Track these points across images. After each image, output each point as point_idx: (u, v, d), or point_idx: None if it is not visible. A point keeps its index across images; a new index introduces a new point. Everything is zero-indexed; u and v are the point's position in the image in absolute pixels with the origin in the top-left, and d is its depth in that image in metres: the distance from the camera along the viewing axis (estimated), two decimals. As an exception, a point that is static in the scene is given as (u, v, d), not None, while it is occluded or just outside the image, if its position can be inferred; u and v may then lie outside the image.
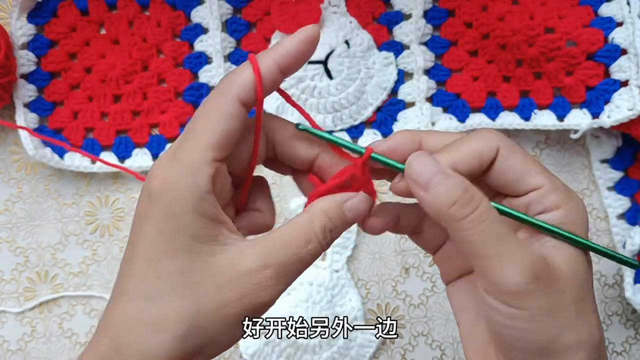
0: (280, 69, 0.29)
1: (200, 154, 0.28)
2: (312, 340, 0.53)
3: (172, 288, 0.27)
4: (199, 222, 0.27)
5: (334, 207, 0.30)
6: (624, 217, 0.56)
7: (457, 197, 0.28)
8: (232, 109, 0.28)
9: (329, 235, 0.30)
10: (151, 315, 0.27)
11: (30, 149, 0.54)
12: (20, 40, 0.56)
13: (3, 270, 0.57)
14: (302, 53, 0.30)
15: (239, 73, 0.29)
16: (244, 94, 0.29)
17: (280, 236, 0.29)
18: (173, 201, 0.27)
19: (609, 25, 0.54)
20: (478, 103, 0.56)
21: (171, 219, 0.27)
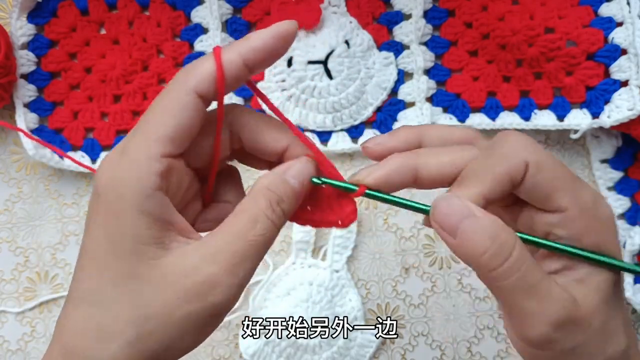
0: (244, 63, 0.27)
1: (147, 149, 0.26)
2: (312, 340, 0.53)
3: (117, 293, 0.26)
4: (142, 222, 0.26)
5: (275, 179, 0.28)
6: (624, 217, 0.56)
7: (487, 248, 0.26)
8: (186, 102, 0.27)
9: (277, 209, 0.28)
10: (97, 322, 0.26)
11: (30, 149, 0.54)
12: (20, 40, 0.56)
13: (3, 270, 0.57)
14: (271, 49, 0.27)
15: (198, 64, 0.27)
16: (202, 86, 0.27)
17: (225, 226, 0.27)
18: (116, 199, 0.26)
19: (609, 25, 0.54)
20: (478, 103, 0.56)
21: (114, 219, 0.26)
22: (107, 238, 0.26)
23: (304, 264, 0.55)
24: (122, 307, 0.26)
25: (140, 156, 0.26)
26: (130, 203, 0.26)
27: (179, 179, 0.28)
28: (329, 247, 0.55)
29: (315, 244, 0.56)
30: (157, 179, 0.26)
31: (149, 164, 0.26)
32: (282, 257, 0.56)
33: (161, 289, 0.26)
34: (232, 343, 0.56)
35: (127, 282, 0.26)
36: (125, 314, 0.25)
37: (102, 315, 0.26)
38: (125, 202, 0.26)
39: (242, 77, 0.28)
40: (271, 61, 0.28)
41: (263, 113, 0.31)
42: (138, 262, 0.26)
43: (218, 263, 0.26)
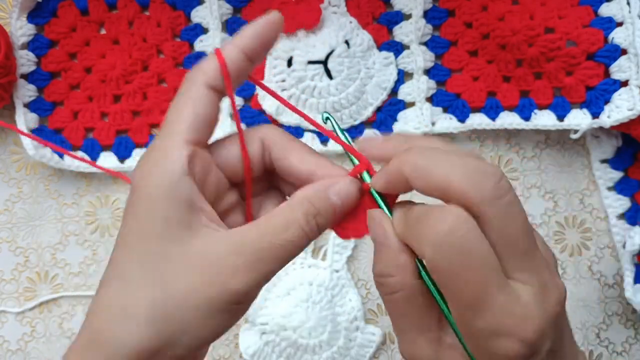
0: (245, 55, 0.29)
1: (172, 138, 0.28)
2: (312, 340, 0.53)
3: (142, 273, 0.27)
4: (172, 206, 0.27)
5: (317, 192, 0.29)
6: (624, 217, 0.56)
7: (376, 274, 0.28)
8: (199, 94, 0.29)
9: (312, 221, 0.28)
10: (121, 300, 0.27)
11: (30, 149, 0.54)
12: (20, 40, 0.56)
13: (3, 270, 0.57)
14: (265, 36, 0.30)
15: (202, 63, 0.29)
16: (211, 80, 0.29)
17: (258, 224, 0.28)
18: (147, 186, 0.27)
19: (609, 25, 0.54)
20: (478, 103, 0.56)
21: (144, 203, 0.27)
22: (138, 223, 0.27)
23: (304, 264, 0.55)
24: (146, 287, 0.26)
25: (167, 146, 0.28)
26: (160, 188, 0.27)
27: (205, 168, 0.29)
28: (329, 247, 0.55)
29: (315, 244, 0.56)
30: (184, 164, 0.27)
31: (174, 151, 0.28)
32: (282, 257, 0.56)
33: (185, 271, 0.26)
34: (232, 343, 0.56)
35: (153, 262, 0.27)
36: (147, 294, 0.26)
37: (126, 295, 0.27)
38: (154, 187, 0.27)
39: (244, 66, 0.29)
40: (267, 48, 0.30)
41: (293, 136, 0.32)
42: (165, 244, 0.27)
43: (242, 255, 0.27)
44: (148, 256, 0.27)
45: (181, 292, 0.26)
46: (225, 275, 0.26)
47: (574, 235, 0.57)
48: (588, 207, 0.57)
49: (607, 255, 0.56)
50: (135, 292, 0.26)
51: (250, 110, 0.57)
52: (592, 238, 0.57)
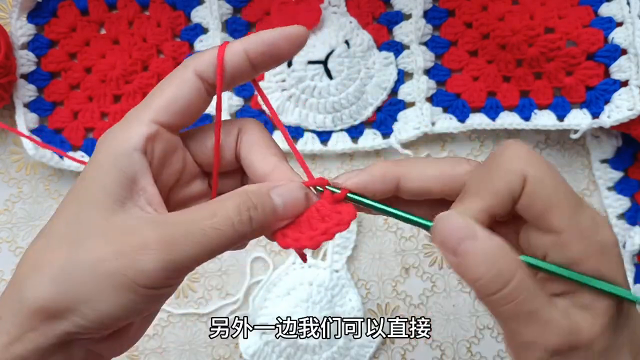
0: (247, 55, 0.28)
1: (140, 114, 0.28)
2: (312, 340, 0.53)
3: (64, 233, 0.27)
4: (112, 176, 0.27)
5: (259, 188, 0.28)
6: (624, 217, 0.56)
7: (483, 274, 0.26)
8: (185, 78, 0.28)
9: (245, 214, 0.27)
10: (39, 256, 0.27)
11: (30, 149, 0.54)
12: (20, 40, 0.56)
13: (3, 270, 0.57)
14: (276, 47, 0.28)
15: (203, 52, 0.29)
16: (202, 68, 0.28)
17: (188, 210, 0.27)
18: (99, 153, 0.28)
19: (609, 25, 0.54)
20: (478, 103, 0.56)
21: (91, 168, 0.27)
22: (81, 185, 0.28)
23: (304, 264, 0.55)
24: (61, 247, 0.26)
25: (132, 120, 0.28)
26: (109, 156, 0.27)
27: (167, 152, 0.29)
28: (329, 247, 0.55)
29: (315, 244, 0.56)
30: (140, 141, 0.27)
31: (136, 126, 0.28)
32: (282, 257, 0.56)
33: (100, 240, 0.26)
34: (232, 343, 0.56)
35: (76, 225, 0.27)
36: (60, 254, 0.26)
37: (45, 250, 0.27)
38: (105, 155, 0.27)
39: (243, 69, 0.29)
40: (276, 60, 0.29)
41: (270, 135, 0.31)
42: (94, 210, 0.27)
43: (156, 231, 0.26)
44: (74, 218, 0.27)
45: (89, 259, 0.26)
46: (133, 249, 0.25)
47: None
48: (588, 207, 0.57)
49: (607, 255, 0.56)
50: (51, 250, 0.26)
51: (250, 111, 0.57)
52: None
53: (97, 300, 0.25)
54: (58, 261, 0.26)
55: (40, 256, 0.27)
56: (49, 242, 0.27)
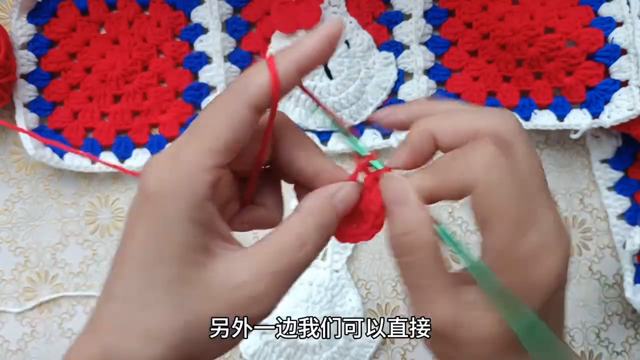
0: (298, 71, 0.27)
1: (202, 159, 0.26)
2: (312, 340, 0.53)
3: (164, 297, 0.26)
4: (192, 230, 0.26)
5: (324, 203, 0.29)
6: (624, 217, 0.56)
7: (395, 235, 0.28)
8: (244, 115, 0.27)
9: (325, 233, 0.28)
10: (144, 324, 0.26)
11: (30, 149, 0.54)
12: (20, 40, 0.56)
13: (3, 270, 0.57)
14: (323, 52, 0.28)
15: (255, 75, 0.27)
16: (258, 99, 0.27)
17: (273, 243, 0.28)
18: (168, 206, 0.26)
19: (609, 25, 0.54)
20: (478, 103, 0.56)
21: (164, 225, 0.26)
22: (154, 242, 0.26)
23: (304, 264, 0.55)
24: (168, 311, 0.26)
25: (194, 165, 0.26)
26: (181, 211, 0.26)
27: (223, 186, 0.29)
28: (329, 247, 0.55)
29: (315, 244, 0.56)
30: (209, 190, 0.26)
31: (202, 174, 0.26)
32: (282, 257, 0.56)
33: (207, 297, 0.26)
34: (232, 343, 0.55)
35: (175, 286, 0.26)
36: (171, 318, 0.26)
37: (147, 317, 0.26)
38: (177, 210, 0.26)
39: (295, 84, 0.28)
40: (321, 64, 0.29)
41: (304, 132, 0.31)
42: (185, 268, 0.26)
43: (264, 281, 0.27)
44: (168, 280, 0.26)
45: (205, 319, 0.26)
46: (248, 303, 0.26)
47: (574, 235, 0.57)
48: (588, 207, 0.57)
49: (607, 255, 0.56)
50: (158, 315, 0.26)
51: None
52: (592, 238, 0.57)
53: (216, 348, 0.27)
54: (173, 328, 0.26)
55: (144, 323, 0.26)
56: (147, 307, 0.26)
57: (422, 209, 0.28)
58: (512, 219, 0.26)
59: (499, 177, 0.26)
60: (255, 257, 0.27)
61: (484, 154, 0.27)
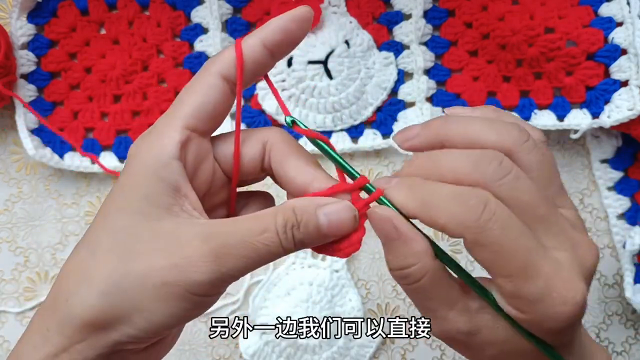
0: (265, 47, 0.28)
1: (171, 121, 0.28)
2: (312, 340, 0.53)
3: (110, 244, 0.27)
4: (155, 185, 0.27)
5: (306, 205, 0.28)
6: (624, 217, 0.56)
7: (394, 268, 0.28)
8: (210, 82, 0.28)
9: (290, 232, 0.27)
10: (85, 268, 0.27)
11: (30, 149, 0.54)
12: (20, 40, 0.56)
13: (3, 270, 0.57)
14: (289, 31, 0.29)
15: (222, 52, 0.29)
16: (226, 70, 0.28)
17: (237, 220, 0.28)
18: (137, 164, 0.28)
19: (609, 25, 0.54)
20: (478, 103, 0.56)
21: (131, 178, 0.28)
22: (120, 196, 0.28)
23: (304, 264, 0.55)
24: (109, 258, 0.26)
25: (164, 128, 0.28)
26: (148, 167, 0.27)
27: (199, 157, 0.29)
28: (329, 247, 0.55)
29: (315, 244, 0.56)
30: (176, 148, 0.27)
31: (170, 134, 0.28)
32: (282, 257, 0.56)
33: (149, 250, 0.26)
34: (232, 343, 0.56)
35: (123, 235, 0.27)
36: (108, 265, 0.26)
37: (91, 261, 0.27)
38: (144, 166, 0.27)
39: (264, 60, 0.29)
40: (291, 45, 0.29)
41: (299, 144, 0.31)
42: (140, 220, 0.27)
43: (208, 244, 0.26)
44: (120, 229, 0.27)
45: (141, 270, 0.26)
46: (187, 261, 0.26)
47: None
48: (588, 207, 0.57)
49: (607, 255, 0.56)
50: (98, 262, 0.26)
51: (250, 110, 0.57)
52: (592, 238, 0.57)
53: (149, 310, 0.26)
54: (107, 273, 0.26)
55: (86, 268, 0.27)
56: (94, 254, 0.27)
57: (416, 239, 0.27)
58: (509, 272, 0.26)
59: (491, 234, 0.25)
60: (211, 225, 0.27)
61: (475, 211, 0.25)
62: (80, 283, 0.26)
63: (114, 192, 0.28)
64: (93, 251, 0.27)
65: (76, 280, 0.27)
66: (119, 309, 0.26)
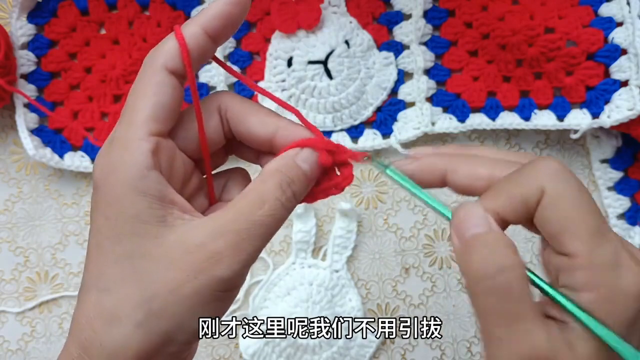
0: (206, 33, 0.27)
1: (134, 130, 0.26)
2: (312, 340, 0.53)
3: (122, 275, 0.25)
4: (141, 202, 0.26)
5: (286, 162, 0.28)
6: (624, 217, 0.56)
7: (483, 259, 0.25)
8: (159, 79, 0.27)
9: (288, 190, 0.28)
10: (105, 307, 0.25)
11: (30, 149, 0.54)
12: (20, 40, 0.56)
13: (3, 270, 0.57)
14: (228, 14, 0.28)
15: (162, 44, 0.28)
16: (171, 62, 0.27)
17: (233, 205, 0.27)
18: (112, 184, 0.26)
19: (609, 25, 0.54)
20: (478, 103, 0.56)
21: (112, 202, 0.26)
22: (108, 222, 0.26)
23: (304, 264, 0.55)
24: (128, 288, 0.25)
25: (129, 139, 0.26)
26: (127, 185, 0.26)
27: (171, 160, 0.28)
28: (329, 247, 0.55)
29: (315, 244, 0.56)
30: (149, 158, 0.26)
31: (138, 144, 0.26)
32: (282, 257, 0.56)
33: (166, 266, 0.25)
34: (232, 343, 0.56)
35: (131, 261, 0.26)
36: (131, 295, 0.25)
37: (109, 299, 0.26)
38: (121, 185, 0.26)
39: (207, 47, 0.28)
40: (231, 28, 0.28)
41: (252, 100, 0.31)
42: (141, 241, 0.26)
43: (223, 239, 0.26)
44: (124, 256, 0.26)
45: (167, 288, 0.25)
46: (208, 263, 0.25)
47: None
48: (588, 207, 0.57)
49: (607, 255, 0.56)
50: (119, 295, 0.25)
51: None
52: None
53: (188, 323, 0.26)
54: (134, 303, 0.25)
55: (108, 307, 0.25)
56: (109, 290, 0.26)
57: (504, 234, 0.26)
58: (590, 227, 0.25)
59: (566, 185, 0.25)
60: (213, 220, 0.27)
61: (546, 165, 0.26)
62: (109, 324, 0.25)
63: (97, 222, 0.27)
64: (105, 288, 0.26)
65: (102, 323, 0.25)
66: (161, 333, 0.25)
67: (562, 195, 0.25)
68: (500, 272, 0.25)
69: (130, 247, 0.26)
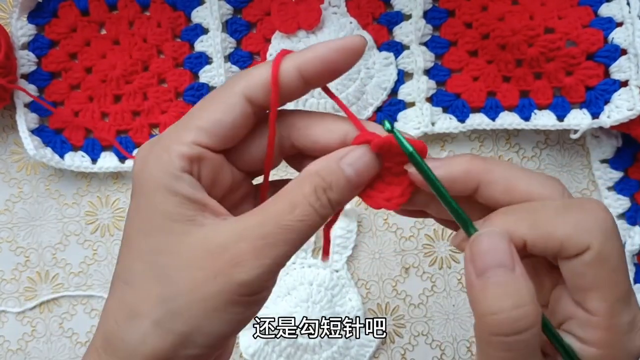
0: (300, 75, 0.26)
1: (181, 135, 0.26)
2: (312, 340, 0.53)
3: (146, 270, 0.25)
4: (171, 199, 0.25)
5: (328, 164, 0.26)
6: (624, 217, 0.56)
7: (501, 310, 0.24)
8: (232, 101, 0.26)
9: (323, 196, 0.26)
10: (128, 301, 0.25)
11: (31, 149, 0.54)
12: (21, 41, 0.56)
13: (3, 270, 0.57)
14: (329, 61, 0.26)
15: (252, 69, 0.27)
16: (250, 91, 0.26)
17: (264, 206, 0.26)
18: (146, 180, 0.26)
19: (609, 25, 0.54)
20: (478, 103, 0.56)
21: (145, 198, 0.26)
22: (139, 215, 0.26)
23: (304, 264, 0.55)
24: (150, 284, 0.25)
25: (172, 141, 0.26)
26: (159, 182, 0.26)
27: (215, 172, 0.27)
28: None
29: (315, 244, 0.56)
30: (185, 161, 0.26)
31: (179, 148, 0.26)
32: (282, 257, 0.56)
33: (187, 265, 0.25)
34: (232, 343, 0.56)
35: (156, 257, 0.25)
36: (152, 292, 0.25)
37: (131, 293, 0.25)
38: (154, 181, 0.26)
39: (297, 89, 0.27)
40: (330, 76, 0.27)
41: None
42: (167, 238, 0.25)
43: (245, 242, 0.25)
44: (147, 251, 0.25)
45: (186, 288, 0.25)
46: (228, 265, 0.24)
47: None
48: (588, 207, 0.57)
49: (607, 255, 0.56)
50: (141, 290, 0.25)
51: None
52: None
53: (207, 326, 0.25)
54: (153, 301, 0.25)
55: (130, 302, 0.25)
56: (132, 285, 0.25)
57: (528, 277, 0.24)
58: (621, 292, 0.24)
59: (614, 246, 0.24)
60: (240, 222, 0.26)
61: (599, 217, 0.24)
62: (130, 319, 0.25)
63: (130, 214, 0.27)
64: (129, 282, 0.26)
65: (123, 316, 0.25)
66: (179, 334, 0.25)
67: (607, 258, 0.24)
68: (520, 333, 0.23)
69: (156, 242, 0.25)
